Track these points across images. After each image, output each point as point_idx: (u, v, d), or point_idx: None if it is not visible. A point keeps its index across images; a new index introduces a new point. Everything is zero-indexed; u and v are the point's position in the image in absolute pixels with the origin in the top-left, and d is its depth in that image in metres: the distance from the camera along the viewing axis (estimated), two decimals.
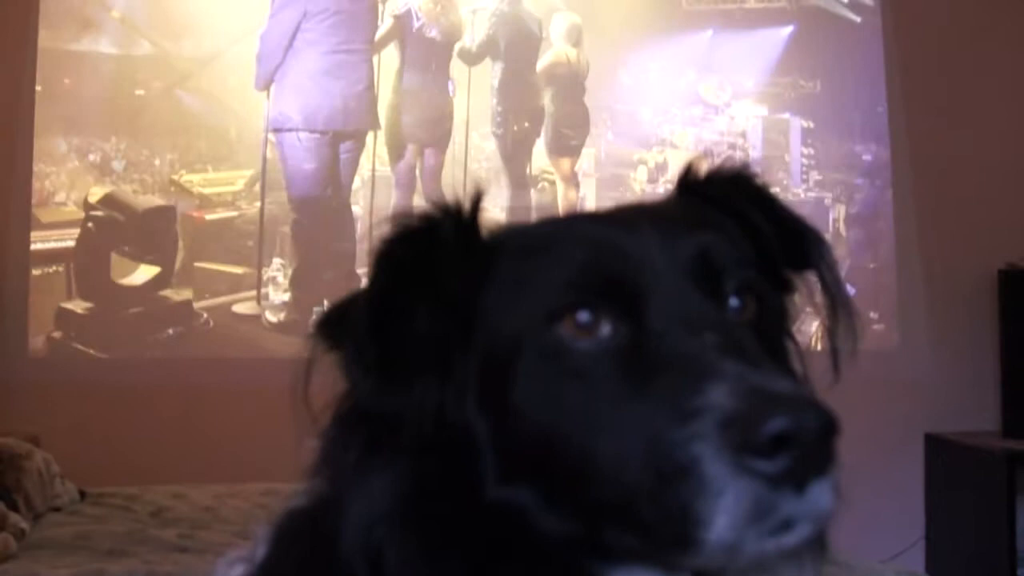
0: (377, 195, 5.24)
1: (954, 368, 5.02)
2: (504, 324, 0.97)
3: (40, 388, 4.87)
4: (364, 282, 1.03)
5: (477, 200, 1.06)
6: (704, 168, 1.16)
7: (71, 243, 5.18)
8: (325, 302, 1.14)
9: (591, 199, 5.34)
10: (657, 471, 0.85)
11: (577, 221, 1.14)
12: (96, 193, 5.21)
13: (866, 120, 5.32)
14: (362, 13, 5.27)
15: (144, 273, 5.19)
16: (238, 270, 5.22)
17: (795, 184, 5.31)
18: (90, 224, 5.19)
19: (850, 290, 1.21)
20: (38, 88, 5.19)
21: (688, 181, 1.16)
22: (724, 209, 1.09)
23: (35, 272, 5.14)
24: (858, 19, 5.32)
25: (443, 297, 0.98)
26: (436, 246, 1.01)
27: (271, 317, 5.17)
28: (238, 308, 5.18)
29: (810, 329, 1.21)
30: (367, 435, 0.97)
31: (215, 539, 3.17)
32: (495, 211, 4.58)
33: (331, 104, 5.22)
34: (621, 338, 0.94)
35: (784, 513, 0.83)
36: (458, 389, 0.97)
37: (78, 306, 5.17)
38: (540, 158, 5.36)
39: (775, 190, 1.18)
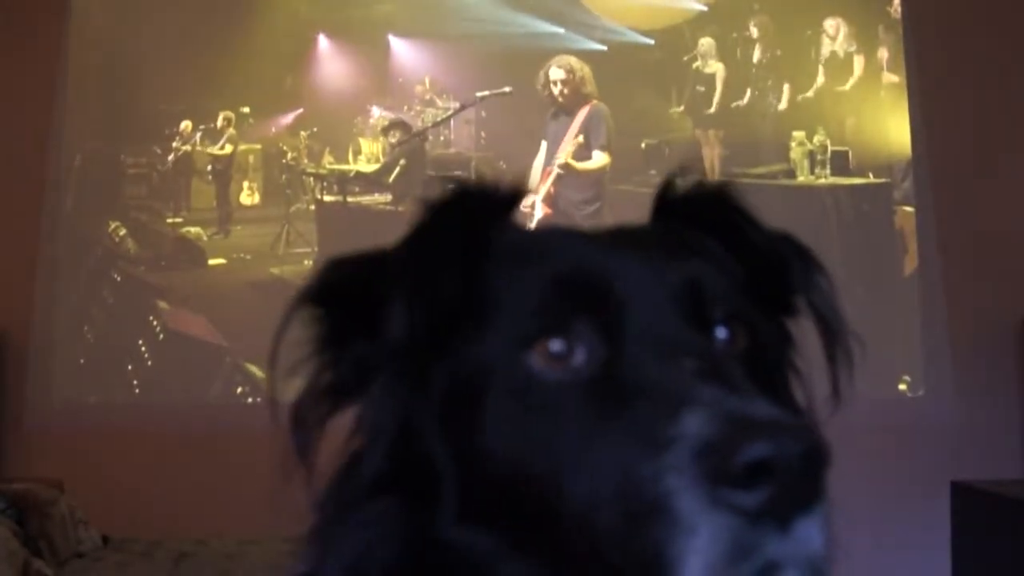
0: None
1: (979, 415, 4.99)
2: (473, 349, 0.89)
3: (65, 435, 4.89)
4: None
5: (518, 190, 0.99)
6: (682, 186, 1.07)
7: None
8: None
9: None
10: (627, 509, 0.78)
11: (559, 237, 1.01)
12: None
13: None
14: None
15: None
16: None
17: None
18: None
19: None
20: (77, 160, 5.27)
21: (666, 200, 1.07)
22: (708, 230, 1.02)
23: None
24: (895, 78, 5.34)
25: (443, 290, 0.90)
26: (468, 226, 0.93)
27: None
28: None
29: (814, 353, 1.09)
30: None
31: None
32: None
33: None
34: (595, 367, 0.87)
35: (767, 554, 0.75)
36: (424, 409, 0.89)
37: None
38: None
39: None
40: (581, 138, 5.27)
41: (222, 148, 5.40)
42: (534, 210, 5.12)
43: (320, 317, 0.93)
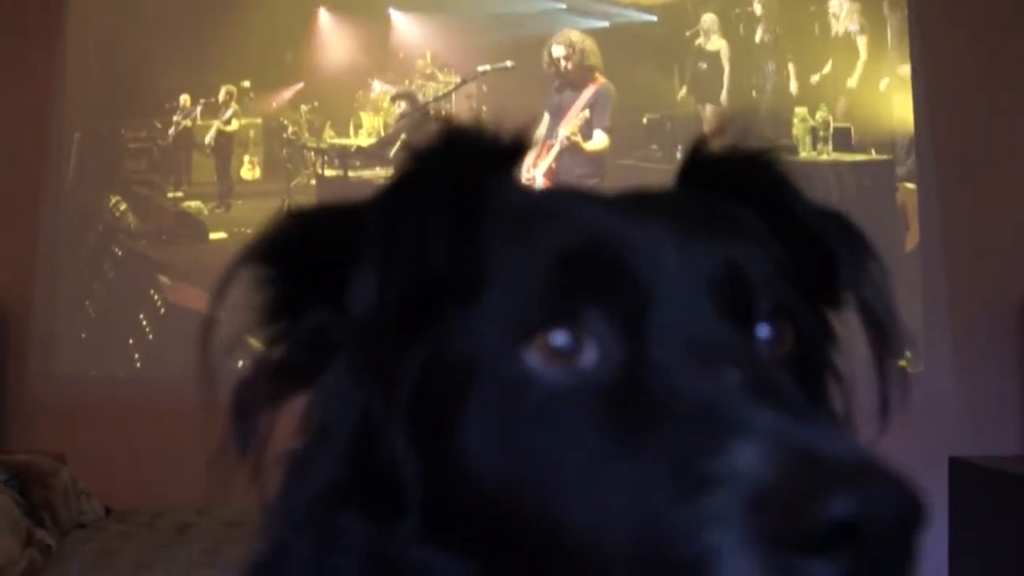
0: None
1: (979, 391, 5.01)
2: (456, 336, 0.72)
3: (66, 409, 4.90)
4: None
5: (522, 142, 0.81)
6: (716, 146, 0.89)
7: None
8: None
9: None
10: (651, 565, 0.61)
11: (569, 201, 0.83)
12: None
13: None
14: None
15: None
16: None
17: None
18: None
19: None
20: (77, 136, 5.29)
21: (696, 163, 0.90)
22: (743, 202, 0.84)
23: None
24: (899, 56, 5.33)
25: (426, 257, 0.73)
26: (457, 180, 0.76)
27: None
28: None
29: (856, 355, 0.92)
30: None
31: (241, 555, 3.19)
32: None
33: None
34: (609, 370, 0.70)
35: None
36: (389, 404, 0.73)
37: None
38: None
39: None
40: (587, 112, 5.26)
41: (228, 123, 5.40)
42: (535, 182, 5.12)
43: (271, 279, 0.77)
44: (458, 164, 0.77)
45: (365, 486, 0.73)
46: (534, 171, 5.16)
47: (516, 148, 0.81)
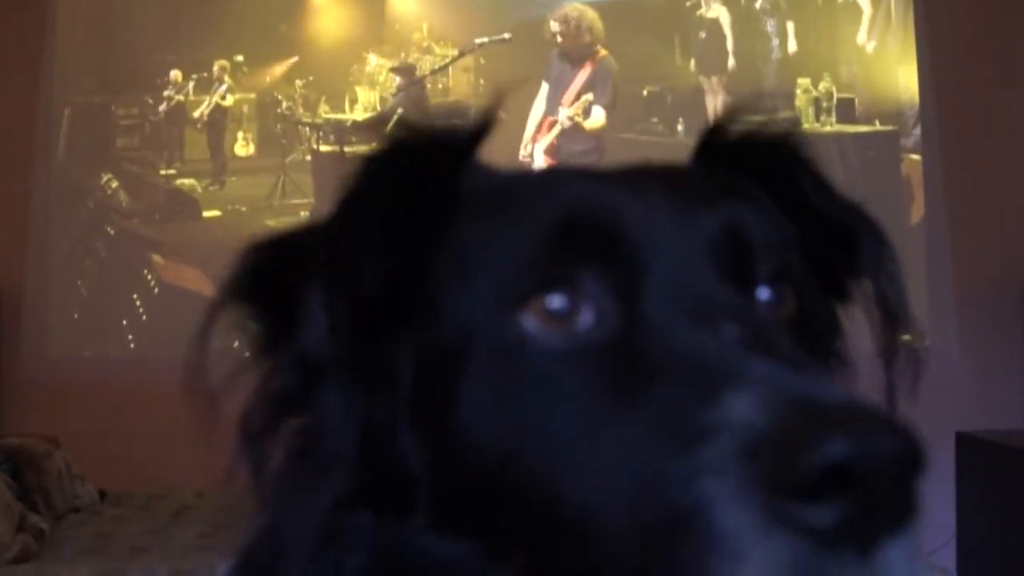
0: None
1: (985, 366, 5.00)
2: (449, 311, 0.73)
3: (59, 390, 4.90)
4: None
5: (485, 123, 0.81)
6: (736, 128, 0.89)
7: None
8: None
9: None
10: (648, 521, 0.61)
11: (564, 174, 0.85)
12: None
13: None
14: None
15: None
16: None
17: None
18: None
19: None
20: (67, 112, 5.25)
21: (713, 142, 0.90)
22: (760, 182, 0.84)
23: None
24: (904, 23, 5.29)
25: (395, 256, 0.74)
26: (412, 178, 0.77)
27: None
28: None
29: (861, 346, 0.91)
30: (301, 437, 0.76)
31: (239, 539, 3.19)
32: None
33: None
34: (606, 331, 0.70)
35: None
36: (388, 404, 0.74)
37: None
38: None
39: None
40: (591, 96, 5.22)
41: (223, 98, 5.37)
42: (534, 159, 5.10)
43: (252, 316, 0.78)
44: (408, 168, 0.77)
45: (372, 485, 0.73)
46: (534, 146, 5.14)
47: (476, 133, 0.81)
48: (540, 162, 5.11)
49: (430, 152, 0.79)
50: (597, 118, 5.23)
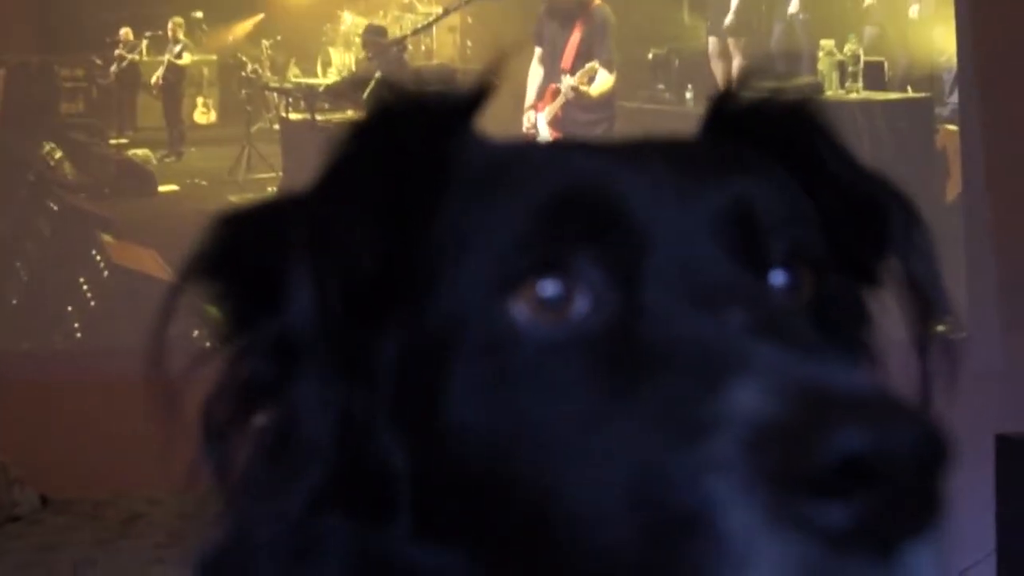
0: None
1: None
2: (436, 295, 0.74)
3: None
4: None
5: (482, 89, 0.82)
6: (748, 95, 0.88)
7: None
8: None
9: None
10: (649, 520, 0.62)
11: (561, 147, 0.87)
12: None
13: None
14: None
15: None
16: None
17: None
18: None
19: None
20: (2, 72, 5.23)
21: (724, 111, 0.89)
22: (775, 154, 0.83)
23: None
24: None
25: (385, 232, 0.74)
26: (401, 147, 0.77)
27: None
28: None
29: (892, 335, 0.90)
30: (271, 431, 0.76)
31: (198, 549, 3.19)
32: None
33: None
34: (603, 319, 0.71)
35: None
36: (368, 398, 0.74)
37: None
38: None
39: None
40: (596, 63, 5.20)
41: (178, 57, 5.36)
42: (537, 130, 5.10)
43: (219, 295, 0.78)
44: (398, 137, 0.78)
45: (350, 487, 0.74)
46: (537, 116, 5.13)
47: (472, 100, 0.82)
48: (545, 134, 5.10)
49: (423, 120, 0.79)
50: (603, 81, 5.22)
